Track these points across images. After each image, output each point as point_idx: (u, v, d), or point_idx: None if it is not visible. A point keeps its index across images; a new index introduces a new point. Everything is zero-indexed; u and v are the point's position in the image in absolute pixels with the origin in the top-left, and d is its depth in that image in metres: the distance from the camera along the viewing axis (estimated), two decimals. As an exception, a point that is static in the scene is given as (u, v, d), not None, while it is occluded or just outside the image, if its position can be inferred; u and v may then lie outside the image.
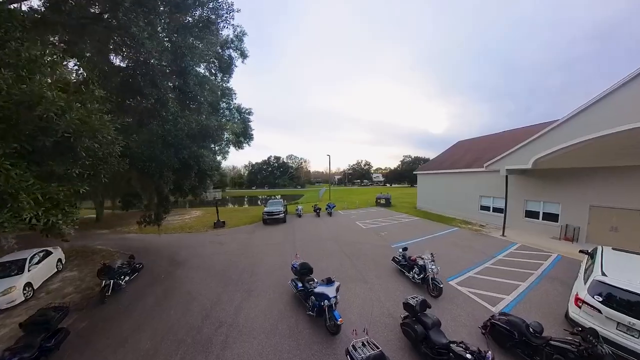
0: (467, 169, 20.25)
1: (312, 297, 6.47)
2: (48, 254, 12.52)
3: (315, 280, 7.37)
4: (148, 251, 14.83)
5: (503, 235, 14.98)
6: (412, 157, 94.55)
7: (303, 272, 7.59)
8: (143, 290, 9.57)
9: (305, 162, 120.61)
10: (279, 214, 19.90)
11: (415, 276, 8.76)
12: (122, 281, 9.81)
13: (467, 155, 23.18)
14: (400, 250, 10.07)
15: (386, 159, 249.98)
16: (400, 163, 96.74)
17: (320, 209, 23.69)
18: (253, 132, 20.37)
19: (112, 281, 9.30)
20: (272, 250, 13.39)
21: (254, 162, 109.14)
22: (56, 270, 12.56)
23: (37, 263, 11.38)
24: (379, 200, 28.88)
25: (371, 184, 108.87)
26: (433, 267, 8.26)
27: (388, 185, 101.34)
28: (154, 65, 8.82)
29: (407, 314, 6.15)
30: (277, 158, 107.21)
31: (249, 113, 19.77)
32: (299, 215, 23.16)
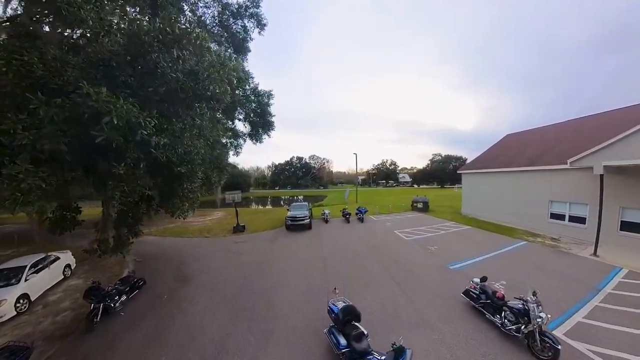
0: (532, 167, 16.50)
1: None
2: (54, 259, 11.48)
3: (365, 332, 4.87)
4: (159, 259, 13.42)
5: (595, 254, 11.38)
6: (443, 155, 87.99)
7: (347, 320, 5.10)
8: (138, 317, 7.78)
9: (327, 162, 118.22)
10: (303, 220, 17.53)
11: (507, 323, 5.93)
12: (116, 302, 8.13)
13: (527, 150, 19.26)
14: (477, 281, 7.23)
15: (412, 158, 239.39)
16: (429, 162, 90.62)
17: (349, 214, 20.88)
18: (274, 118, 16.92)
19: (101, 304, 7.65)
20: (297, 268, 10.94)
21: (277, 163, 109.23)
22: (63, 277, 11.51)
23: (39, 270, 10.25)
24: (415, 204, 25.50)
25: (397, 185, 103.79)
26: (542, 314, 5.40)
27: (416, 186, 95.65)
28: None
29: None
30: (300, 158, 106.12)
31: (269, 96, 16.21)
32: (326, 221, 20.61)
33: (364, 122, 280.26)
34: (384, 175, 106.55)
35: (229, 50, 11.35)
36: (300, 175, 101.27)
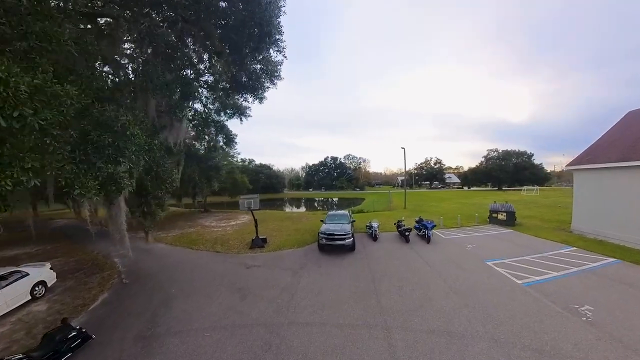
0: None
1: None
2: (20, 277, 8.80)
3: None
4: (146, 285, 10.21)
5: None
6: (500, 151, 74.62)
7: None
8: None
9: (364, 162, 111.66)
10: (344, 238, 12.17)
11: None
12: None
13: None
14: None
15: (457, 156, 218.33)
16: (483, 159, 77.76)
17: (409, 230, 14.35)
18: (284, 37, 11.53)
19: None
20: (336, 355, 5.51)
21: (310, 164, 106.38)
22: (29, 298, 8.79)
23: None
24: (494, 215, 18.49)
25: (442, 187, 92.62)
26: None
27: (466, 188, 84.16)
28: None
29: None
30: (334, 159, 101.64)
31: None
32: (374, 238, 14.75)
33: (400, 120, 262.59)
34: (429, 175, 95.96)
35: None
36: (335, 176, 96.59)
